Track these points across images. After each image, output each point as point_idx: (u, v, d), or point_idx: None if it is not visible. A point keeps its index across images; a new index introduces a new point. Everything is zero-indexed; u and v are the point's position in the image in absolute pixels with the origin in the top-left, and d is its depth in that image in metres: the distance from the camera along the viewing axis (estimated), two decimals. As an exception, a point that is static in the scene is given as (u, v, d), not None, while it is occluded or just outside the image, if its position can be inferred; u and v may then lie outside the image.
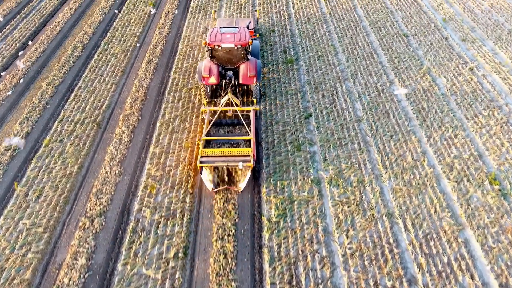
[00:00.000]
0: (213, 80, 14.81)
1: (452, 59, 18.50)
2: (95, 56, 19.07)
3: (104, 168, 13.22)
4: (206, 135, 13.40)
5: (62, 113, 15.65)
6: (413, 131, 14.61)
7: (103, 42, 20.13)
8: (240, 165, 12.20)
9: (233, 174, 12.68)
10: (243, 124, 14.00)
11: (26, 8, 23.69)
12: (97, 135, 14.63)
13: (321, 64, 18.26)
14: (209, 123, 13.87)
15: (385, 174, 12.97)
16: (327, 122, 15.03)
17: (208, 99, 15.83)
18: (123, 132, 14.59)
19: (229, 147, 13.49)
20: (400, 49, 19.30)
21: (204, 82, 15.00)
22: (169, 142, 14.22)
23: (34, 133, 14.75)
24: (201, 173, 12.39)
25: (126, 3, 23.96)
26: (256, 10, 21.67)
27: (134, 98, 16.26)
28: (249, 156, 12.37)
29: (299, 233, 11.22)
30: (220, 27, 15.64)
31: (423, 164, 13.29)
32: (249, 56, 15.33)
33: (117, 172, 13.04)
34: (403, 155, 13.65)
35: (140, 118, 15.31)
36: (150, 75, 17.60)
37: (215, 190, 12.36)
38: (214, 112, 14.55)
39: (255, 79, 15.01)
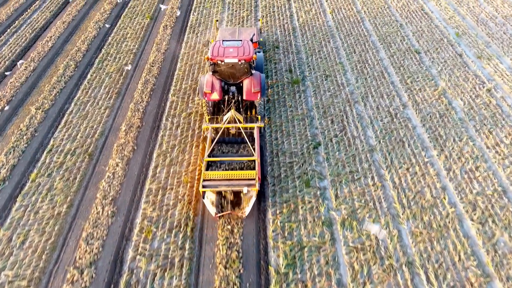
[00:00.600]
0: (215, 96, 14.04)
1: (468, 79, 17.39)
2: (88, 76, 17.94)
3: (96, 208, 12.10)
4: (209, 156, 12.76)
5: (51, 142, 14.52)
6: (431, 163, 13.51)
7: (97, 60, 18.98)
8: (245, 189, 11.55)
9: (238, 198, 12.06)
10: (247, 142, 13.24)
11: (17, 22, 22.55)
12: (88, 167, 13.51)
13: (329, 85, 17.15)
14: (212, 142, 13.18)
15: (402, 214, 11.87)
16: (337, 152, 13.92)
17: (210, 116, 14.88)
18: (117, 165, 13.47)
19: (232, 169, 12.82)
20: (413, 67, 18.19)
21: (206, 98, 14.19)
22: (167, 176, 13.10)
23: (20, 166, 13.63)
24: (203, 198, 11.68)
25: (122, 16, 22.82)
26: (259, 20, 20.68)
27: (129, 124, 15.13)
28: (254, 179, 11.73)
29: (310, 287, 10.12)
30: (223, 40, 14.72)
31: (443, 202, 12.18)
32: (253, 71, 14.49)
33: (109, 212, 11.92)
34: (421, 191, 12.55)
35: (135, 148, 14.18)
36: (147, 97, 16.47)
37: (219, 215, 11.66)
38: (217, 129, 13.73)
39: (259, 95, 14.22)
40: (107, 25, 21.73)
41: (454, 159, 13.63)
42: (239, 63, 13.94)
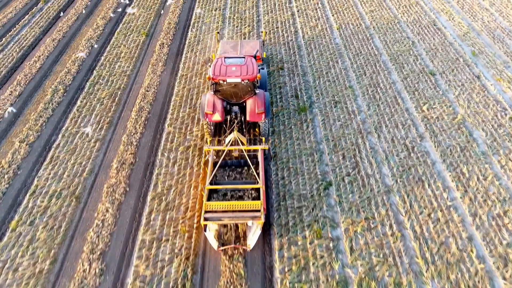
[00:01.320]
0: (217, 117, 13.39)
1: (488, 105, 16.08)
2: (78, 102, 16.58)
3: (82, 264, 10.77)
4: (211, 183, 11.95)
5: (35, 182, 13.18)
6: (455, 207, 12.20)
7: (88, 83, 17.63)
8: (250, 222, 10.80)
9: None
10: (250, 166, 12.60)
11: (4, 39, 21.18)
12: (75, 213, 12.18)
13: (339, 112, 15.83)
14: (213, 167, 12.33)
15: (426, 271, 10.55)
16: (350, 194, 12.60)
17: (212, 137, 14.28)
18: (107, 210, 12.15)
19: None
20: (428, 91, 16.88)
21: (207, 120, 13.47)
22: (162, 224, 11.78)
23: (0, 211, 12.31)
24: (205, 231, 10.91)
25: (115, 33, 21.44)
26: (262, 32, 19.62)
27: (122, 160, 13.80)
28: (259, 211, 10.83)
29: None
30: (225, 58, 14.02)
31: (471, 256, 10.88)
32: (257, 90, 13.83)
33: (97, 270, 10.59)
34: (445, 243, 11.24)
35: (127, 189, 12.86)
36: (141, 128, 15.14)
37: (221, 248, 10.91)
38: (218, 152, 13.22)
39: (263, 115, 13.50)
40: (95, 46, 20.16)
41: (479, 202, 12.33)
42: (243, 82, 13.21)
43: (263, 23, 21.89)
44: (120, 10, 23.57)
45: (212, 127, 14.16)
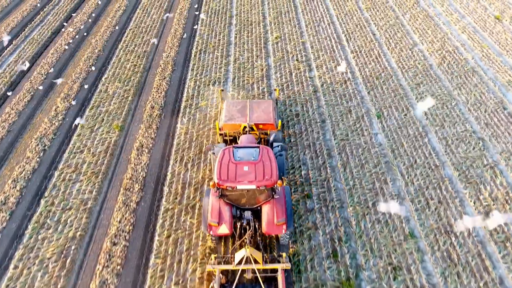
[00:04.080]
0: (224, 230, 10.66)
1: None
2: (9, 273, 10.84)
3: None
4: None
5: None
6: None
7: (30, 227, 11.89)
8: None
9: None
10: None
11: None
12: None
13: (402, 293, 10.49)
14: None
15: None
16: None
17: (217, 253, 11.35)
18: None
19: None
20: (526, 242, 11.55)
21: (211, 233, 10.78)
22: None
23: None
24: None
25: (79, 126, 15.79)
26: (275, 89, 15.76)
27: None
28: None
29: None
30: (233, 147, 11.25)
31: None
32: (276, 196, 10.76)
33: None
34: None
35: None
36: (111, 282, 9.80)
37: None
38: (225, 273, 10.43)
39: (284, 226, 10.59)
40: (46, 142, 14.47)
41: None
42: (258, 189, 10.42)
43: (278, 106, 16.46)
44: (87, 86, 17.96)
45: (217, 240, 11.53)
